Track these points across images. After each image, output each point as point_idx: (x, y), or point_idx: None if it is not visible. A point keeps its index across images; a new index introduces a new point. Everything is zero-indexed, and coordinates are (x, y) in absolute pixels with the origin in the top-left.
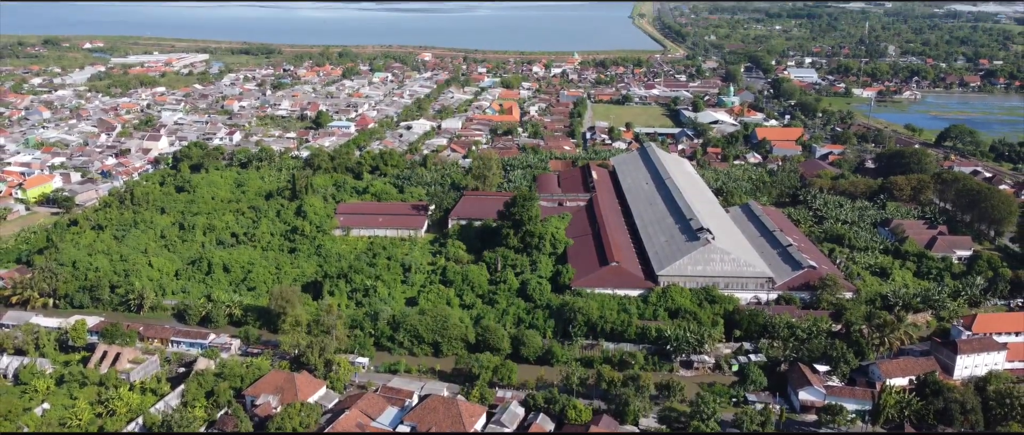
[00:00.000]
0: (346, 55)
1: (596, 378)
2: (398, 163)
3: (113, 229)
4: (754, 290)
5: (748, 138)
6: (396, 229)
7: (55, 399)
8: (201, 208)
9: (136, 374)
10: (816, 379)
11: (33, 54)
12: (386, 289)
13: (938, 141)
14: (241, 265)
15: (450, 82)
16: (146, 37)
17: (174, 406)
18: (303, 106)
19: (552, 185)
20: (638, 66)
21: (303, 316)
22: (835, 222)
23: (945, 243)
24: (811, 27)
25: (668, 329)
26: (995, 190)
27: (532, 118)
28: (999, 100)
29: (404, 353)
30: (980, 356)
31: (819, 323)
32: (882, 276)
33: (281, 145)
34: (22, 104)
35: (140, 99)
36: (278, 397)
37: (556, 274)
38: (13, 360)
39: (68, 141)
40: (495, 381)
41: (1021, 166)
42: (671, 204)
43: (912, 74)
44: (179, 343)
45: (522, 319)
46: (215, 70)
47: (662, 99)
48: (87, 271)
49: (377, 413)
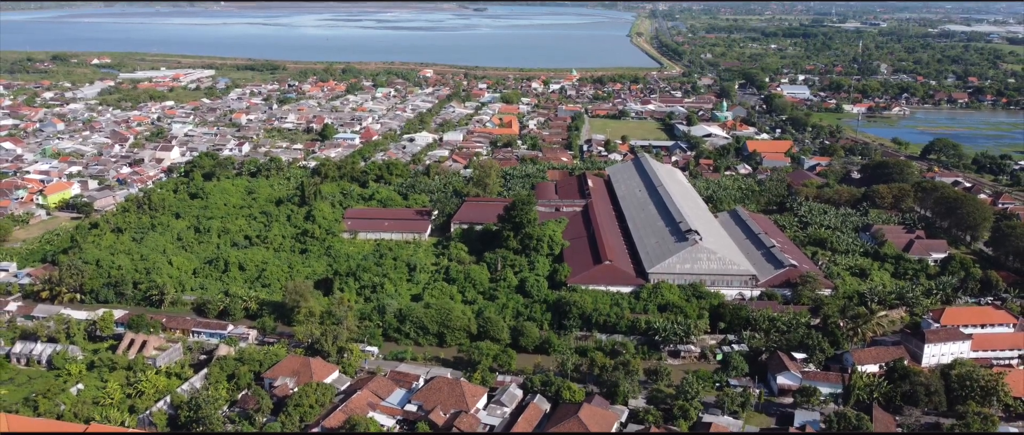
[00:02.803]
0: (349, 71)
1: (589, 364)
2: (402, 172)
3: (132, 232)
4: (739, 287)
5: (739, 151)
6: (401, 233)
7: (87, 381)
8: (215, 213)
9: (161, 360)
10: (793, 365)
11: (43, 70)
12: (393, 286)
13: (923, 154)
14: (255, 264)
15: (451, 97)
16: (153, 53)
17: (198, 387)
18: (309, 119)
19: (550, 192)
20: (635, 83)
21: (316, 308)
22: (819, 227)
23: (922, 246)
24: (806, 46)
25: (657, 321)
26: (971, 198)
27: (531, 132)
28: (986, 116)
29: (410, 343)
30: (947, 345)
31: (798, 317)
32: (861, 276)
33: (289, 156)
34: (36, 116)
35: (150, 112)
36: (295, 379)
37: (553, 272)
38: (46, 347)
39: (83, 151)
40: (495, 367)
41: (1002, 177)
42: (662, 208)
43: (902, 91)
44: (199, 333)
45: (521, 313)
46: (222, 85)
47: (658, 114)
48: (110, 269)
49: (386, 394)
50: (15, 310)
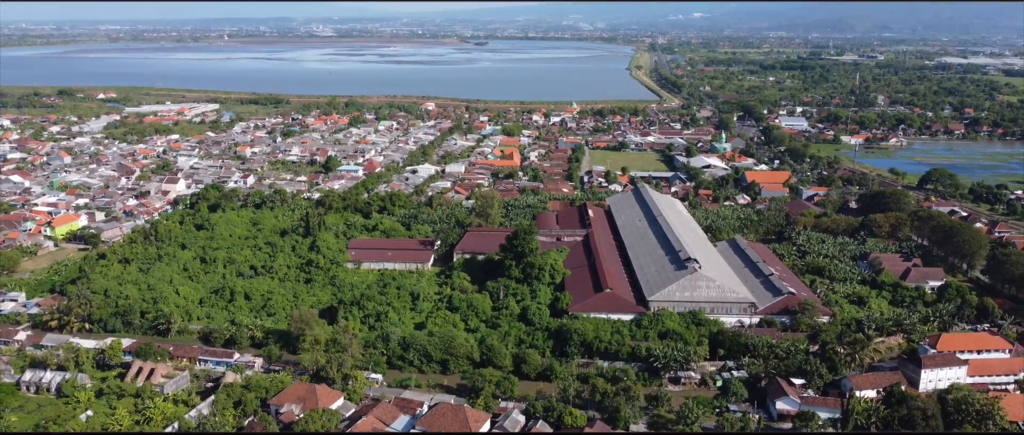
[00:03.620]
0: (352, 104)
1: (591, 391)
2: (405, 203)
3: (139, 262)
4: (738, 314)
5: (738, 181)
6: (404, 262)
7: (96, 408)
8: (220, 244)
9: (169, 387)
10: (792, 390)
11: (49, 104)
12: (396, 315)
13: (920, 184)
14: (261, 293)
15: (453, 130)
16: (157, 88)
17: (206, 414)
18: (312, 152)
19: (551, 222)
20: (635, 115)
21: (322, 336)
22: (817, 256)
23: (918, 274)
24: (804, 78)
25: (657, 348)
26: (967, 226)
27: (532, 163)
28: (982, 146)
29: (414, 371)
30: (943, 371)
31: (797, 343)
32: (859, 304)
33: (293, 188)
34: (44, 150)
35: (156, 145)
36: (301, 405)
37: (554, 301)
38: (56, 375)
39: (90, 184)
40: (498, 393)
41: (998, 206)
42: (661, 238)
43: (899, 122)
44: (206, 361)
45: (523, 340)
46: (226, 119)
47: (657, 146)
48: (118, 299)
49: (391, 420)
50: (24, 339)
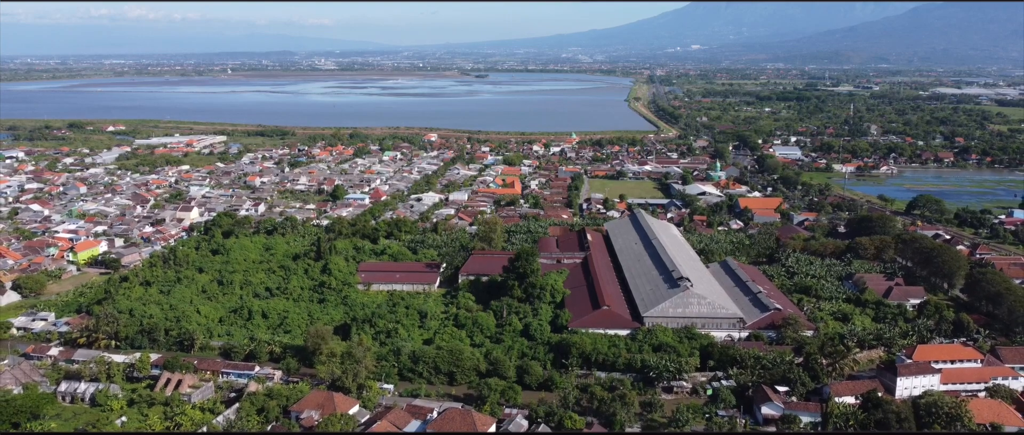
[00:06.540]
0: (357, 136)
1: (589, 399)
2: (411, 229)
3: (160, 285)
4: (727, 329)
5: (732, 208)
6: (412, 284)
7: (129, 415)
8: (236, 267)
9: (196, 396)
10: (776, 397)
11: (60, 136)
12: (406, 332)
13: (908, 209)
14: (277, 312)
15: (456, 160)
16: (165, 120)
17: (232, 419)
18: (320, 181)
19: (551, 246)
20: (633, 145)
21: (337, 349)
22: (804, 276)
23: (900, 292)
24: (799, 109)
25: (651, 360)
26: (947, 248)
27: (533, 191)
28: (971, 174)
29: (423, 382)
30: (918, 379)
31: (782, 355)
32: (843, 320)
33: (302, 215)
34: (59, 181)
35: (168, 176)
36: (320, 411)
37: (555, 318)
38: (90, 386)
39: (107, 212)
40: (503, 401)
41: (981, 230)
42: (656, 258)
43: (890, 151)
44: (228, 374)
45: (525, 353)
46: (234, 150)
47: (654, 175)
48: (142, 317)
49: (404, 424)
50: (57, 355)
